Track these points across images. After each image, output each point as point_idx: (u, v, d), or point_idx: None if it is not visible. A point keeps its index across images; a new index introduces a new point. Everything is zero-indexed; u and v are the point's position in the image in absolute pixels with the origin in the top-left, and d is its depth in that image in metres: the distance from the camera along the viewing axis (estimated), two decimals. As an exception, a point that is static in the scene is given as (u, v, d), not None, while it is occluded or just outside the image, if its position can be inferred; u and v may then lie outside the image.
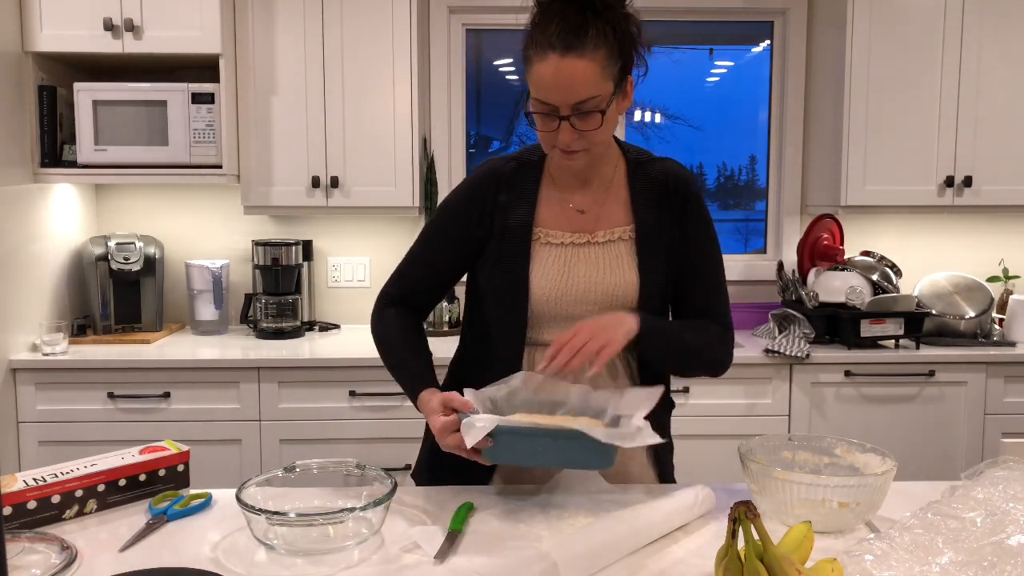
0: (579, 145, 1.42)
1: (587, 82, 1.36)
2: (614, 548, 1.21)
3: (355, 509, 1.26)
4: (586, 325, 1.40)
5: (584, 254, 1.52)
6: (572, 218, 1.54)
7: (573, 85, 1.36)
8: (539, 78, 1.38)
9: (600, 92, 1.38)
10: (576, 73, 1.35)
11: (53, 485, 1.35)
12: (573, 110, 1.38)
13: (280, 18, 3.02)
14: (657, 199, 1.53)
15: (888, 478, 1.31)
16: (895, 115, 3.12)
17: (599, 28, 1.36)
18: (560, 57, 1.35)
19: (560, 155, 1.45)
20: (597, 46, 1.36)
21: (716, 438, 2.87)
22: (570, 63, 1.35)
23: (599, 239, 1.52)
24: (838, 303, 3.04)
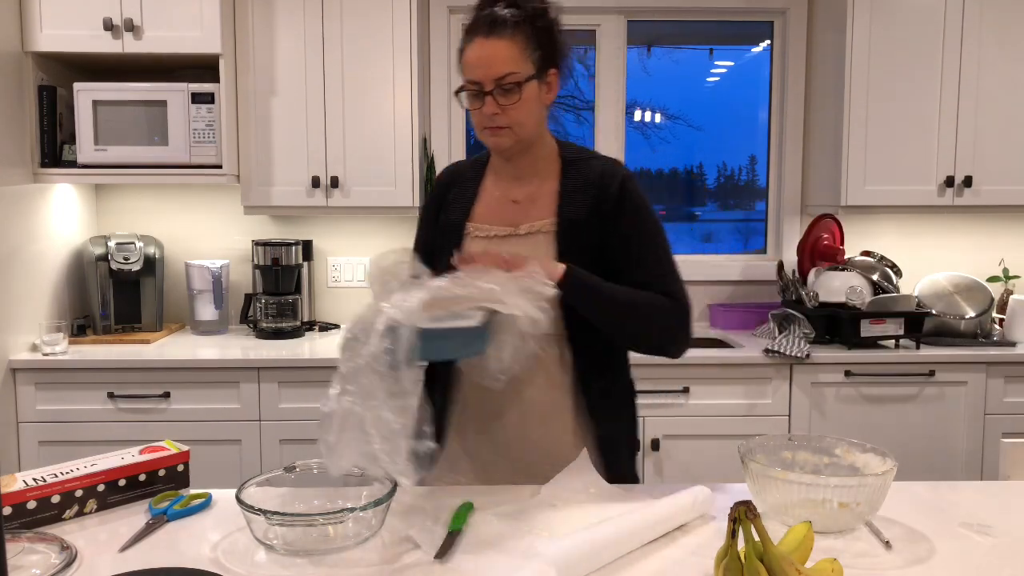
0: (502, 121, 1.55)
1: (506, 59, 1.53)
2: (613, 548, 1.21)
3: (355, 509, 1.25)
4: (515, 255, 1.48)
5: (506, 247, 1.57)
6: (505, 210, 1.64)
7: (494, 62, 1.53)
8: (467, 60, 1.57)
9: (519, 70, 1.54)
10: (497, 51, 1.53)
11: (53, 485, 1.35)
12: (495, 85, 1.53)
13: (280, 18, 3.02)
14: (587, 196, 1.60)
15: (888, 478, 1.31)
16: (895, 115, 3.12)
17: (519, 18, 1.55)
18: (484, 39, 1.55)
19: (489, 134, 1.59)
20: (515, 32, 1.54)
21: (716, 438, 2.87)
22: (492, 43, 1.54)
23: (521, 231, 1.61)
24: (838, 303, 3.04)
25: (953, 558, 1.24)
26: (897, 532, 1.32)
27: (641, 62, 3.56)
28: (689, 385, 2.86)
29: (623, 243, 1.58)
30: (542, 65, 1.57)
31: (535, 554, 1.22)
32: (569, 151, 1.68)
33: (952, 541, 1.29)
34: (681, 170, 3.66)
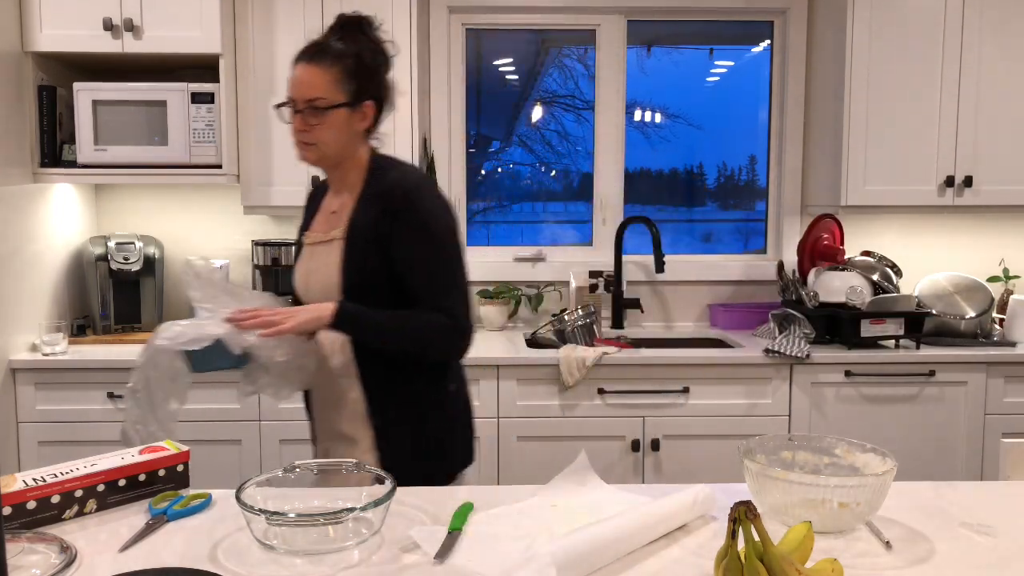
0: (310, 138, 1.74)
1: (318, 85, 1.71)
2: (613, 548, 1.21)
3: (355, 509, 1.25)
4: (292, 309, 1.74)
5: (317, 252, 1.80)
6: (327, 220, 1.83)
7: (308, 85, 1.71)
8: (289, 79, 1.75)
9: (327, 96, 1.71)
10: (312, 77, 1.71)
11: (53, 485, 1.35)
12: (305, 105, 1.71)
13: (280, 18, 3.02)
14: (375, 205, 1.74)
15: (888, 478, 1.31)
16: (895, 115, 3.12)
17: (344, 52, 1.72)
18: (306, 63, 1.73)
19: (298, 147, 1.77)
20: (335, 63, 1.71)
21: (716, 438, 2.87)
22: (310, 68, 1.72)
23: (328, 237, 1.79)
24: (838, 303, 3.04)
25: (953, 558, 1.24)
26: (897, 532, 1.32)
27: (641, 62, 3.56)
28: (689, 385, 2.86)
29: (403, 255, 1.71)
30: (356, 96, 1.73)
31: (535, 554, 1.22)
32: (378, 163, 1.81)
33: (952, 541, 1.29)
34: (681, 170, 3.67)
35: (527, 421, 2.84)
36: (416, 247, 1.71)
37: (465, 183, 3.51)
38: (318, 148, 1.75)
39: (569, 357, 2.81)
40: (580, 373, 2.80)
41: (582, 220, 3.60)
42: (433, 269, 1.72)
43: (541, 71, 3.61)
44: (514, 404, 2.83)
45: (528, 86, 3.61)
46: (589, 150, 3.55)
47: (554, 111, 3.61)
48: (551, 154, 3.63)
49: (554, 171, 3.65)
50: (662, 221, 3.52)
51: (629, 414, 2.86)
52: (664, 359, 2.87)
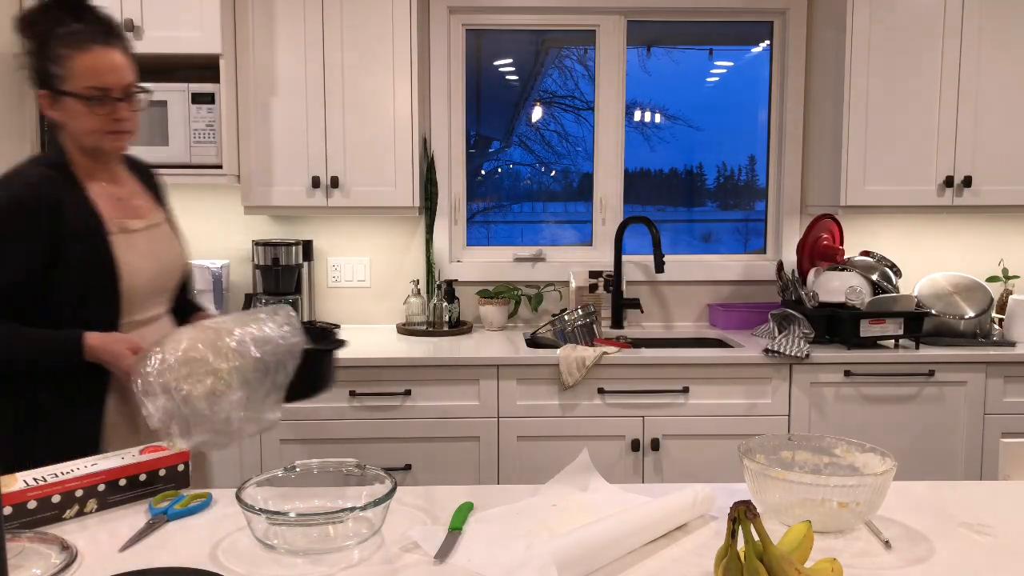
0: (128, 126, 1.68)
1: (130, 69, 1.67)
2: (613, 548, 1.22)
3: (355, 509, 1.26)
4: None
5: (153, 236, 1.78)
6: (122, 207, 1.75)
7: (122, 71, 1.65)
8: (90, 67, 1.61)
9: (136, 79, 1.69)
10: (122, 61, 1.66)
11: (53, 485, 1.35)
12: (124, 92, 1.65)
13: (280, 18, 3.02)
14: (154, 187, 1.89)
15: (888, 478, 1.31)
16: (895, 115, 3.12)
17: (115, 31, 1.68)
18: (105, 49, 1.63)
19: (112, 139, 1.67)
20: (122, 42, 1.68)
21: (716, 438, 2.88)
22: (115, 53, 1.65)
23: (153, 222, 1.80)
24: (838, 303, 3.04)
25: (953, 558, 1.24)
26: (897, 532, 1.32)
27: (641, 62, 3.56)
28: (689, 385, 2.86)
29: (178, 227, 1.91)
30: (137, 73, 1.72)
31: (535, 554, 1.22)
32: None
33: (952, 541, 1.30)
34: (681, 170, 3.67)
35: (527, 421, 2.84)
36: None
37: (465, 183, 3.51)
38: (132, 135, 1.71)
39: (569, 357, 2.81)
40: (580, 373, 2.80)
41: (582, 220, 3.60)
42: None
43: (541, 71, 3.61)
44: (514, 404, 2.83)
45: (528, 86, 3.61)
46: (589, 150, 3.55)
47: (554, 111, 3.61)
48: (551, 154, 3.64)
49: (554, 171, 3.65)
50: (662, 221, 3.53)
51: (629, 414, 2.86)
52: (664, 359, 2.87)
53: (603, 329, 3.28)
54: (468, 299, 3.42)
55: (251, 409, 1.45)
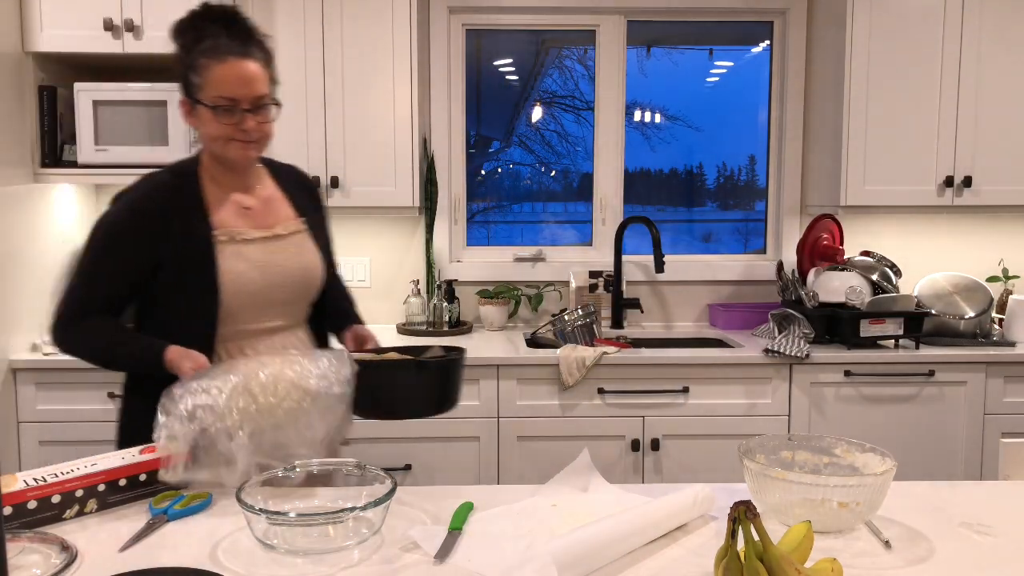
0: (256, 135, 1.69)
1: (262, 81, 1.68)
2: (613, 547, 1.22)
3: (355, 509, 1.26)
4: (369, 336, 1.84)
5: (276, 247, 1.76)
6: (246, 216, 1.75)
7: (253, 82, 1.66)
8: (222, 78, 1.65)
9: (268, 91, 1.70)
10: (254, 72, 1.67)
11: (53, 485, 1.35)
12: (253, 104, 1.67)
13: (280, 18, 3.02)
14: (304, 196, 1.88)
15: (888, 478, 1.31)
16: (895, 115, 3.12)
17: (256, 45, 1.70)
18: (239, 60, 1.66)
19: (239, 147, 1.69)
20: (259, 56, 1.70)
21: (716, 438, 2.88)
22: (250, 64, 1.67)
23: (281, 232, 1.77)
24: (838, 303, 3.04)
25: (953, 558, 1.24)
26: (897, 532, 1.32)
27: (641, 63, 3.56)
28: (689, 385, 2.86)
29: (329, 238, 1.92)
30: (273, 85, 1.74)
31: (535, 554, 1.22)
32: (263, 159, 1.85)
33: (952, 541, 1.30)
34: (681, 170, 3.67)
35: (527, 421, 2.84)
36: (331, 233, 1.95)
37: (465, 183, 3.51)
38: (260, 145, 1.73)
39: (569, 357, 2.81)
40: (580, 373, 2.80)
41: (582, 220, 3.60)
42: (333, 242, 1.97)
43: (541, 71, 3.62)
44: (514, 404, 2.83)
45: (528, 86, 3.61)
46: (589, 150, 3.55)
47: (554, 111, 3.61)
48: (551, 154, 3.64)
49: (554, 171, 3.65)
50: (662, 221, 3.53)
51: (629, 414, 2.86)
52: (664, 359, 2.87)
53: (603, 329, 3.28)
54: (468, 299, 3.42)
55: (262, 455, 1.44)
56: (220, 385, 1.44)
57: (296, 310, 1.82)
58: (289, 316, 1.80)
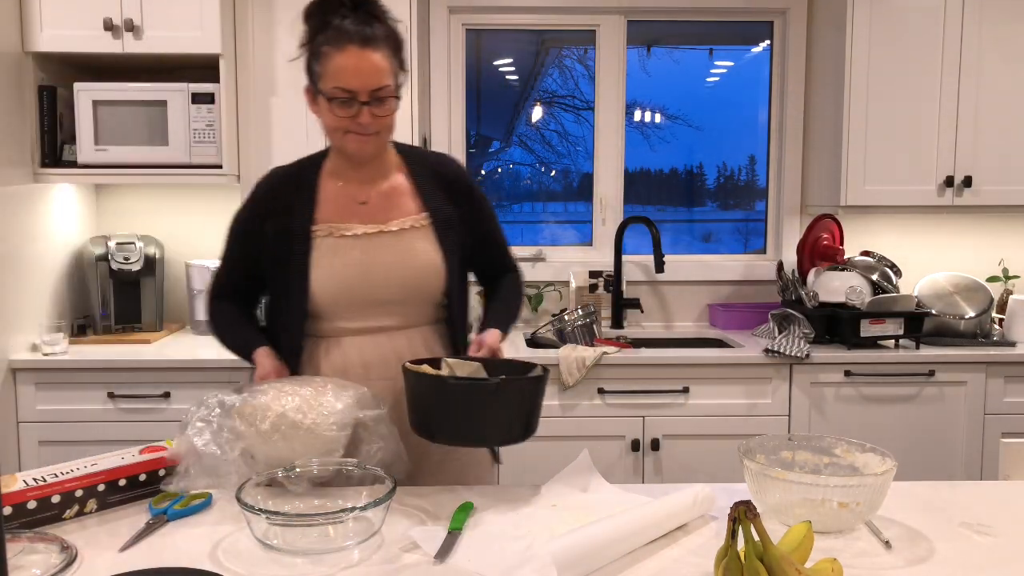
0: (373, 128, 1.61)
1: (382, 72, 1.58)
2: (613, 548, 1.22)
3: (355, 509, 1.26)
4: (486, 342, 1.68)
5: (380, 243, 1.66)
6: (357, 211, 1.69)
7: (372, 74, 1.57)
8: (340, 68, 1.57)
9: (390, 83, 1.60)
10: (374, 63, 1.57)
11: (53, 485, 1.35)
12: (371, 96, 1.58)
13: (280, 18, 3.02)
14: (444, 188, 1.74)
15: (888, 478, 1.31)
16: (895, 115, 3.12)
17: (384, 32, 1.60)
18: (360, 49, 1.56)
19: (355, 140, 1.62)
20: (384, 45, 1.60)
21: (716, 438, 2.87)
22: (369, 55, 1.57)
23: (392, 228, 1.68)
24: (838, 303, 3.04)
25: (953, 558, 1.24)
26: (897, 532, 1.32)
27: (641, 62, 3.56)
28: (689, 385, 2.86)
29: (486, 233, 1.81)
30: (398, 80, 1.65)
31: (534, 554, 1.22)
32: (402, 148, 1.77)
33: (952, 541, 1.29)
34: (681, 170, 3.67)
35: (527, 421, 2.84)
36: (494, 224, 1.84)
37: (465, 183, 3.51)
38: (380, 137, 1.64)
39: (569, 357, 2.81)
40: (580, 373, 2.80)
41: (582, 220, 3.60)
42: (504, 239, 1.89)
43: (541, 71, 3.62)
44: (514, 404, 2.83)
45: (528, 86, 3.61)
46: (589, 150, 3.55)
47: (554, 111, 3.61)
48: (551, 154, 3.64)
49: (554, 171, 3.65)
50: (662, 221, 3.52)
51: (629, 414, 2.86)
52: (664, 359, 2.87)
53: (603, 329, 3.28)
54: (468, 299, 3.41)
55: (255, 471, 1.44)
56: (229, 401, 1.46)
57: (410, 311, 1.70)
58: (400, 317, 1.69)
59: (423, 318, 1.72)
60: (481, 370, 1.58)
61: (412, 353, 1.66)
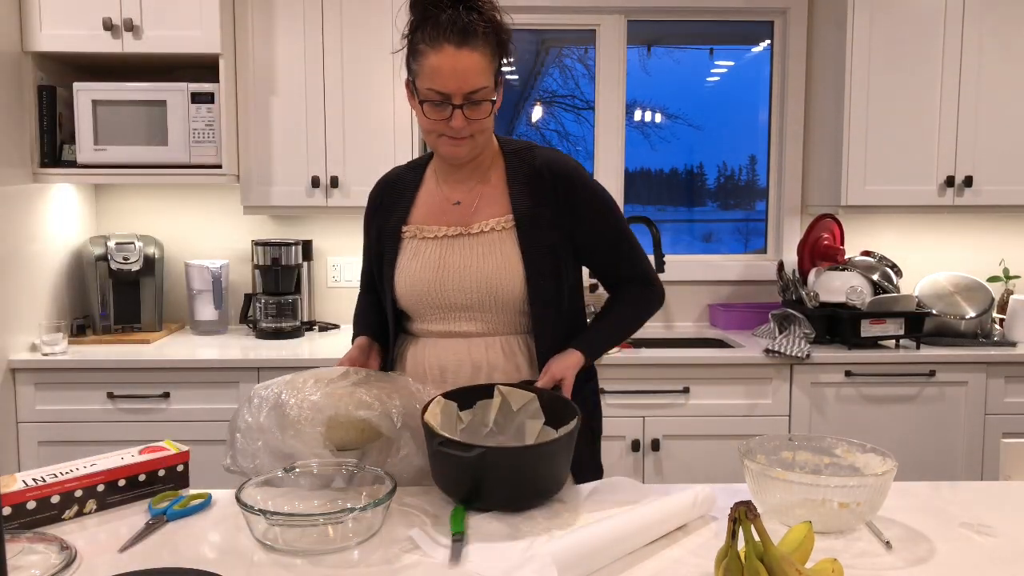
0: (467, 132, 1.53)
1: (479, 73, 1.50)
2: (613, 548, 1.21)
3: (355, 509, 1.25)
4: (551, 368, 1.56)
5: (459, 245, 1.61)
6: (448, 212, 1.64)
7: (467, 76, 1.49)
8: (435, 68, 1.49)
9: (488, 84, 1.52)
10: (470, 65, 1.49)
11: (52, 485, 1.35)
12: (465, 99, 1.50)
13: (280, 18, 3.02)
14: (538, 188, 1.61)
15: (888, 478, 1.31)
16: (895, 115, 3.12)
17: (484, 28, 1.52)
18: (456, 49, 1.48)
19: (448, 143, 1.55)
20: (485, 43, 1.51)
21: (716, 438, 2.87)
22: (465, 55, 1.48)
23: (474, 230, 1.61)
24: (838, 303, 3.04)
25: (953, 558, 1.24)
26: (897, 532, 1.32)
27: (641, 62, 3.56)
28: (689, 385, 2.86)
29: (593, 238, 1.65)
30: (499, 73, 1.57)
31: (535, 554, 1.22)
32: (509, 145, 1.68)
33: (952, 541, 1.29)
34: (681, 170, 3.66)
35: (527, 421, 2.84)
36: (608, 225, 1.66)
37: (465, 183, 3.51)
38: (475, 140, 1.56)
39: (569, 357, 2.80)
40: (580, 373, 2.79)
41: (582, 220, 3.59)
42: (625, 240, 1.69)
43: (541, 71, 3.61)
44: (514, 404, 2.83)
45: (528, 86, 3.61)
46: (589, 150, 3.55)
47: (554, 111, 3.61)
48: (551, 154, 3.63)
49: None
50: (662, 221, 3.52)
51: (629, 414, 2.86)
52: (664, 359, 2.87)
53: (603, 329, 3.27)
54: (468, 299, 3.41)
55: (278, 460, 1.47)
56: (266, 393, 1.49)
57: (491, 317, 1.61)
58: (481, 323, 1.61)
59: (507, 327, 1.62)
60: (535, 401, 1.50)
61: (489, 363, 1.61)
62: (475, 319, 1.61)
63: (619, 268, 1.71)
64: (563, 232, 1.61)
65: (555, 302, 1.62)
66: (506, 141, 1.69)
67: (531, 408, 1.51)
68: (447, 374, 1.62)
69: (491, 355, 1.61)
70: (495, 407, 1.52)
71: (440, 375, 1.63)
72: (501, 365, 1.61)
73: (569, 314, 1.67)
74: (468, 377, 1.60)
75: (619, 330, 1.73)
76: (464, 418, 1.51)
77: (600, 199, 1.65)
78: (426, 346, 1.65)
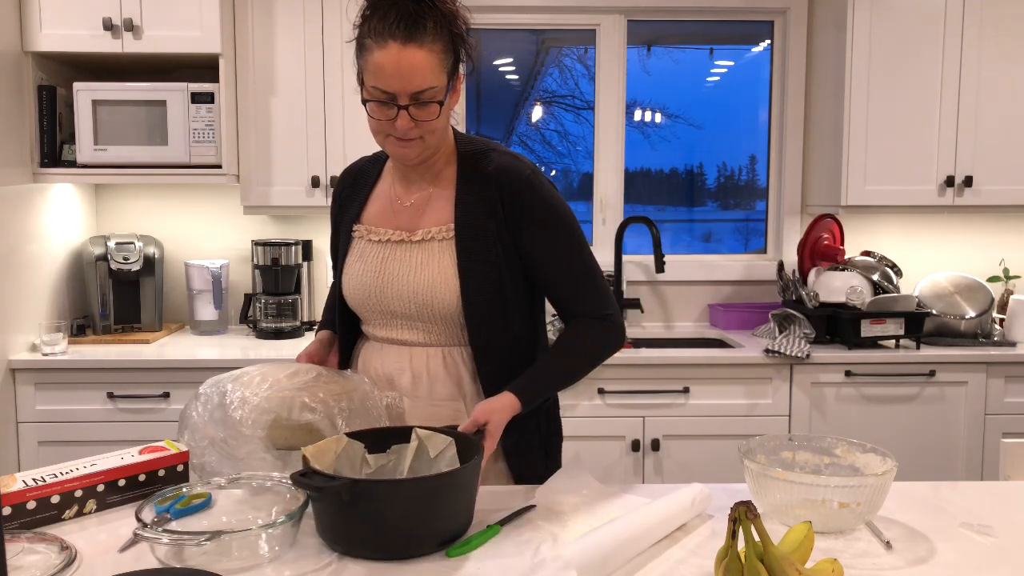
0: (414, 134, 1.44)
1: (426, 72, 1.39)
2: (626, 550, 1.20)
3: (273, 524, 1.25)
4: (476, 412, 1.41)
5: (400, 252, 1.53)
6: (398, 213, 1.56)
7: (413, 75, 1.38)
8: (379, 66, 1.39)
9: (437, 83, 1.41)
10: (416, 63, 1.38)
11: (52, 485, 1.35)
12: (411, 99, 1.40)
13: (280, 18, 3.02)
14: (487, 196, 1.50)
15: (888, 478, 1.31)
16: (895, 115, 3.12)
17: (436, 21, 1.39)
18: (401, 46, 1.37)
19: (395, 144, 1.47)
20: (435, 39, 1.39)
21: (716, 438, 2.87)
22: (411, 53, 1.37)
23: (416, 237, 1.53)
24: (838, 303, 3.04)
25: (953, 558, 1.24)
26: (897, 532, 1.32)
27: (641, 62, 3.56)
28: (689, 385, 2.86)
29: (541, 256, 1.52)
30: (453, 72, 1.45)
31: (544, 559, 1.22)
32: (467, 146, 1.56)
33: (952, 541, 1.29)
34: (681, 170, 3.66)
35: (527, 421, 2.84)
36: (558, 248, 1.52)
37: (465, 183, 3.51)
38: (423, 141, 1.45)
39: (569, 357, 2.80)
40: (580, 373, 2.79)
41: (582, 220, 3.58)
42: (579, 267, 1.54)
43: (541, 71, 3.61)
44: (514, 404, 2.83)
45: (528, 86, 3.61)
46: (589, 150, 3.55)
47: (554, 111, 3.61)
48: (551, 154, 3.63)
49: (554, 171, 3.65)
50: (662, 221, 3.52)
51: (629, 414, 2.86)
52: (664, 359, 2.87)
53: (603, 329, 3.27)
54: (468, 299, 3.41)
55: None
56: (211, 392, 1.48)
57: (431, 328, 1.53)
58: (420, 332, 1.54)
59: (447, 338, 1.54)
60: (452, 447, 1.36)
61: (430, 373, 1.54)
62: (415, 328, 1.54)
63: (569, 296, 1.55)
64: (507, 247, 1.50)
65: (498, 320, 1.51)
66: (466, 141, 1.58)
67: (448, 455, 1.37)
68: (393, 381, 1.57)
69: (432, 365, 1.54)
70: (411, 452, 1.38)
71: (387, 381, 1.57)
72: (442, 376, 1.54)
73: (521, 338, 1.55)
74: (409, 384, 1.54)
75: (566, 373, 1.55)
76: (373, 462, 1.38)
77: (553, 214, 1.51)
78: (373, 350, 1.60)
